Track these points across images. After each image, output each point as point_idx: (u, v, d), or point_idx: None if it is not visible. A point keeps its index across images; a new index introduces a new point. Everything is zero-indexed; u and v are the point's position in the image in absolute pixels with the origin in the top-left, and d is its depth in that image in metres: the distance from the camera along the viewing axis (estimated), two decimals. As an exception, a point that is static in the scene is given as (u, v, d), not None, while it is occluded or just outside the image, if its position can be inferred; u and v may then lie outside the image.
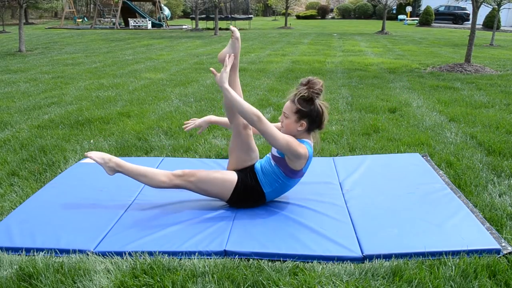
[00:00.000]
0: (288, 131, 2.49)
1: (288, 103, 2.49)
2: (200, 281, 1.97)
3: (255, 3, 48.19)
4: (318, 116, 2.47)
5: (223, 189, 2.54)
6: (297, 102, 2.44)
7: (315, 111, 2.46)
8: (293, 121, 2.46)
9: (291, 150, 2.38)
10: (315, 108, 2.45)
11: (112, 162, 2.59)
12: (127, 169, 2.59)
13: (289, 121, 2.47)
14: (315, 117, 2.47)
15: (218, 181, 2.54)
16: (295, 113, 2.45)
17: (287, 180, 2.56)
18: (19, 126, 4.58)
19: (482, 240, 2.20)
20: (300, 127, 2.47)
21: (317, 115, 2.47)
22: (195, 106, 5.42)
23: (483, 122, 4.50)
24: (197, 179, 2.53)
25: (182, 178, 2.54)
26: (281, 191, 2.62)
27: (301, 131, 2.48)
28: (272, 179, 2.56)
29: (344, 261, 2.09)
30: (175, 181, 2.54)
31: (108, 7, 28.33)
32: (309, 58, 10.34)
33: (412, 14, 33.84)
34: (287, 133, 2.48)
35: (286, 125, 2.49)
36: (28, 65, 9.47)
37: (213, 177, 2.55)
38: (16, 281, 1.99)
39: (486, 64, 9.00)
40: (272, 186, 2.57)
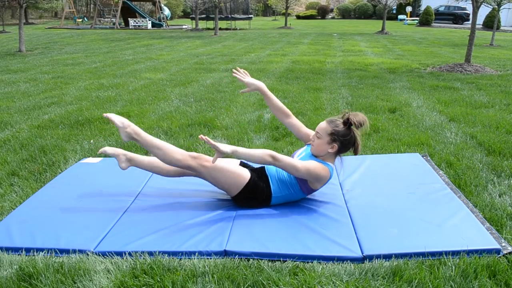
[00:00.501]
0: (318, 151, 2.53)
1: (323, 124, 2.53)
2: (200, 281, 1.97)
3: (255, 3, 48.19)
4: (350, 142, 2.51)
5: (233, 183, 2.53)
6: (333, 124, 2.49)
7: (349, 136, 2.50)
8: (325, 142, 2.50)
9: (312, 175, 2.44)
10: (350, 133, 2.50)
11: (131, 128, 2.49)
12: (143, 138, 2.49)
13: (321, 142, 2.51)
14: (348, 143, 2.51)
15: (231, 174, 2.53)
16: (329, 134, 2.49)
17: (300, 193, 2.61)
18: (19, 126, 4.58)
19: (482, 240, 2.20)
20: (331, 149, 2.51)
21: (349, 141, 2.51)
22: (195, 106, 5.42)
23: (483, 122, 4.50)
24: (212, 165, 2.49)
25: (197, 160, 2.48)
26: (287, 199, 2.64)
27: (331, 153, 2.53)
28: (285, 187, 2.58)
29: (344, 261, 2.09)
30: (189, 161, 2.47)
31: (108, 7, 28.33)
32: (309, 58, 10.34)
33: (412, 14, 33.85)
34: (316, 153, 2.53)
35: (317, 145, 2.52)
36: (28, 65, 9.47)
37: (227, 168, 2.53)
38: (16, 281, 1.99)
39: (486, 64, 9.00)
40: (282, 192, 2.59)
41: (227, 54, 11.54)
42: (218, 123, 4.58)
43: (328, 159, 2.55)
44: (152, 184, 3.01)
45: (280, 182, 2.59)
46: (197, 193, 2.84)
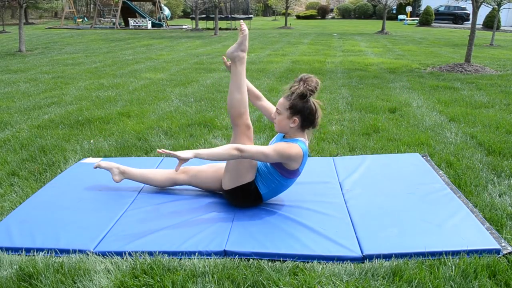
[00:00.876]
0: (280, 127, 2.48)
1: (281, 99, 2.47)
2: (200, 281, 1.97)
3: (255, 3, 48.18)
4: (311, 113, 2.45)
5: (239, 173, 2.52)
6: (291, 98, 2.42)
7: (308, 108, 2.43)
8: (286, 117, 2.44)
9: (284, 156, 2.37)
10: (309, 105, 2.43)
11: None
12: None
13: (282, 117, 2.46)
14: (308, 114, 2.44)
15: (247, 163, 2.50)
16: (288, 109, 2.43)
17: (284, 180, 2.55)
18: (19, 126, 4.58)
19: (482, 240, 2.20)
20: (293, 124, 2.45)
21: (310, 112, 2.44)
22: (195, 106, 5.42)
23: (483, 122, 4.50)
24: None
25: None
26: (277, 191, 2.61)
27: (293, 128, 2.46)
28: (269, 180, 2.54)
29: (344, 261, 2.09)
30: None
31: (108, 7, 28.33)
32: (309, 58, 10.34)
33: (412, 14, 33.84)
34: (280, 130, 2.49)
35: (279, 121, 2.47)
36: (28, 65, 9.47)
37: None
38: (16, 281, 1.99)
39: (486, 64, 9.00)
40: (268, 187, 2.56)
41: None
42: (218, 123, 4.58)
43: (296, 135, 2.48)
44: (152, 184, 3.01)
45: (262, 177, 2.54)
46: (197, 193, 2.85)
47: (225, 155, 2.26)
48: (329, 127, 4.40)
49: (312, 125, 2.50)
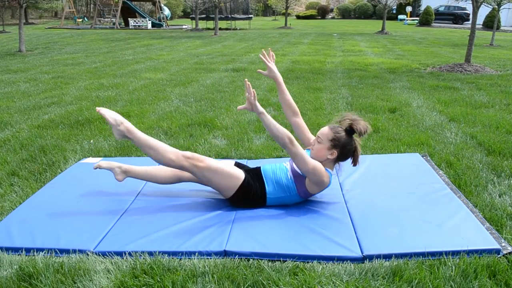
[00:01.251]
0: (317, 156, 2.51)
1: (325, 129, 2.51)
2: (200, 281, 1.97)
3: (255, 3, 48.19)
4: (350, 151, 2.51)
5: (227, 184, 2.52)
6: (335, 130, 2.48)
7: (350, 145, 2.49)
8: (326, 147, 2.48)
9: (316, 176, 2.41)
10: (351, 142, 2.49)
11: (123, 126, 2.43)
12: (137, 136, 2.44)
13: (321, 147, 2.49)
14: (348, 151, 2.50)
15: (225, 174, 2.51)
16: (330, 140, 2.47)
17: (296, 197, 2.59)
18: (19, 126, 4.58)
19: (482, 240, 2.20)
20: (331, 156, 2.49)
21: (349, 150, 2.50)
22: (195, 106, 5.42)
23: (483, 122, 4.50)
24: (205, 166, 2.45)
25: (190, 161, 2.44)
26: (282, 202, 2.62)
27: (330, 160, 2.51)
28: (281, 190, 2.57)
29: (344, 261, 2.09)
30: (182, 162, 2.43)
31: (108, 7, 28.33)
32: (309, 58, 10.34)
33: (412, 14, 33.84)
34: (315, 157, 2.51)
35: (317, 149, 2.50)
36: (28, 65, 9.47)
37: (221, 169, 2.50)
38: (16, 281, 1.99)
39: (486, 64, 9.00)
40: (277, 194, 2.58)
41: (227, 54, 11.54)
42: (218, 123, 4.58)
43: (327, 166, 2.53)
44: (152, 184, 3.00)
45: (276, 184, 2.57)
46: (197, 193, 2.84)
47: (279, 134, 2.27)
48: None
49: (344, 160, 2.57)
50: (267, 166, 2.67)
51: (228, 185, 2.53)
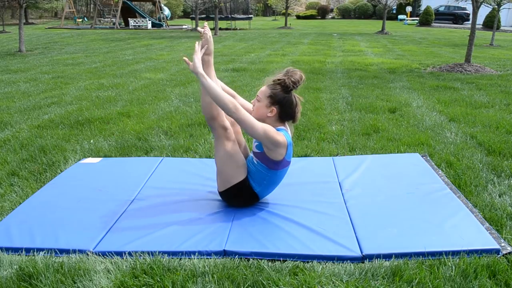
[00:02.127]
0: (258, 115, 2.44)
1: (264, 87, 2.46)
2: (200, 281, 1.97)
3: (255, 3, 48.19)
4: (290, 106, 2.43)
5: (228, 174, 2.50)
6: (272, 88, 2.41)
7: (288, 100, 2.42)
8: (264, 105, 2.42)
9: (269, 137, 2.32)
10: (289, 97, 2.43)
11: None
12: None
13: (260, 105, 2.43)
14: (287, 107, 2.43)
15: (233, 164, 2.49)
16: (268, 97, 2.41)
17: (273, 173, 2.51)
18: (19, 126, 4.58)
19: (481, 240, 2.20)
20: (270, 113, 2.43)
21: (290, 104, 2.43)
22: (195, 106, 5.42)
23: (483, 122, 4.50)
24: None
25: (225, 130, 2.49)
26: (271, 186, 2.58)
27: (271, 118, 2.44)
28: (259, 177, 2.52)
29: (344, 261, 2.09)
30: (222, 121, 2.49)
31: (108, 7, 28.33)
32: (309, 58, 10.34)
33: (412, 14, 33.84)
34: (257, 117, 2.41)
35: (257, 108, 2.45)
36: (28, 65, 9.47)
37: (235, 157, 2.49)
38: (16, 281, 1.99)
39: (486, 64, 9.00)
40: (261, 184, 2.54)
41: (227, 54, 11.54)
42: (218, 123, 4.57)
43: (276, 125, 2.45)
44: (152, 184, 3.01)
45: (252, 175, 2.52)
46: (197, 193, 2.84)
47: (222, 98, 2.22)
48: (329, 127, 4.39)
49: (292, 118, 2.49)
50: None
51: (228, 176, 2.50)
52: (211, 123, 2.51)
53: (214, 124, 2.49)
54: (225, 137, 2.49)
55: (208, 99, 2.45)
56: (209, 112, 2.49)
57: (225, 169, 2.51)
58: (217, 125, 2.49)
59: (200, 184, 2.96)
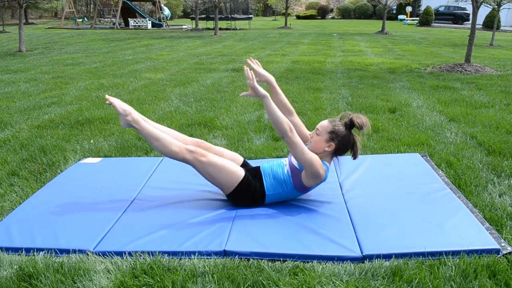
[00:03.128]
0: (315, 148, 2.51)
1: (325, 122, 2.53)
2: (200, 281, 1.97)
3: (255, 3, 48.19)
4: (348, 144, 2.52)
5: (228, 180, 2.53)
6: (334, 123, 2.49)
7: (348, 138, 2.51)
8: (324, 139, 2.49)
9: (313, 168, 2.40)
10: (350, 136, 2.51)
11: (131, 116, 2.52)
12: (142, 127, 2.51)
13: (320, 139, 2.50)
14: (345, 144, 2.51)
15: (226, 171, 2.52)
16: (329, 132, 2.49)
17: (293, 192, 2.60)
18: (19, 126, 4.58)
19: (481, 240, 2.20)
20: (328, 148, 2.50)
21: (348, 143, 2.52)
22: (195, 106, 5.42)
23: (483, 122, 4.50)
24: (207, 161, 2.48)
25: (193, 154, 2.48)
26: (281, 198, 2.64)
27: (326, 152, 2.52)
28: (279, 185, 2.58)
29: (344, 261, 2.09)
30: (185, 155, 2.47)
31: (108, 7, 28.33)
32: (309, 58, 10.34)
33: (412, 14, 33.84)
34: (313, 149, 2.51)
35: (315, 141, 2.51)
36: (28, 65, 9.47)
37: (222, 165, 2.52)
38: (16, 281, 1.99)
39: (486, 64, 9.00)
40: (275, 190, 2.58)
41: (227, 54, 11.54)
42: (218, 123, 4.58)
43: (324, 159, 2.53)
44: (152, 184, 3.01)
45: (274, 180, 2.58)
46: (197, 193, 2.84)
47: (281, 121, 2.29)
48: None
49: (342, 155, 2.58)
50: (266, 165, 2.70)
51: (228, 181, 2.53)
52: (179, 158, 2.51)
53: (181, 157, 2.50)
54: (198, 158, 2.49)
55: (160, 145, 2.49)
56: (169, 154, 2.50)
57: (221, 179, 2.54)
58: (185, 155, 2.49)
59: (200, 184, 2.96)
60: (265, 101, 2.34)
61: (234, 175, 2.54)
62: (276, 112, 2.32)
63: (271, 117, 2.33)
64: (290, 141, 2.33)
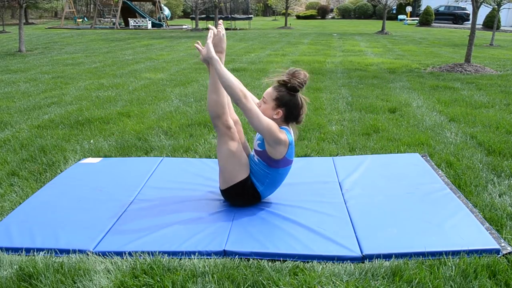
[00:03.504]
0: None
1: (270, 89, 2.46)
2: (200, 281, 1.97)
3: (255, 3, 48.19)
4: (296, 108, 2.44)
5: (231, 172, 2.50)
6: (278, 89, 2.41)
7: (295, 102, 2.43)
8: (271, 107, 2.43)
9: (271, 134, 2.33)
10: (295, 99, 2.43)
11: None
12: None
13: (266, 107, 2.44)
14: (293, 108, 2.43)
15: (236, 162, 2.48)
16: (274, 99, 2.42)
17: (275, 171, 2.52)
18: (19, 126, 4.58)
19: (481, 240, 2.20)
20: (276, 116, 2.44)
21: (296, 106, 2.44)
22: (195, 106, 5.42)
23: (483, 122, 4.50)
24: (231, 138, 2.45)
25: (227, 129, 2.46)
26: (273, 185, 2.59)
27: (276, 120, 2.44)
28: (261, 176, 2.53)
29: (344, 261, 2.09)
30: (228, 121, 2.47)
31: (108, 7, 28.33)
32: (309, 58, 10.34)
33: (412, 14, 33.85)
34: None
35: (263, 110, 2.43)
36: (28, 65, 9.47)
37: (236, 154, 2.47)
38: (16, 281, 1.99)
39: (486, 64, 9.00)
40: (263, 183, 2.55)
41: (227, 54, 11.53)
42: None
43: (281, 125, 2.46)
44: (152, 184, 3.01)
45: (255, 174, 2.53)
46: (197, 193, 2.84)
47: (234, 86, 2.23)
48: (329, 127, 4.39)
49: (296, 120, 2.49)
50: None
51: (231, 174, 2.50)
52: (215, 121, 2.49)
53: (218, 122, 2.48)
54: (228, 135, 2.49)
55: (215, 97, 2.46)
56: (215, 110, 2.48)
57: (228, 167, 2.50)
58: (221, 124, 2.48)
59: (200, 184, 2.96)
60: (215, 64, 2.28)
61: (239, 172, 2.50)
62: (228, 77, 2.26)
63: (223, 81, 2.26)
64: (245, 108, 2.26)
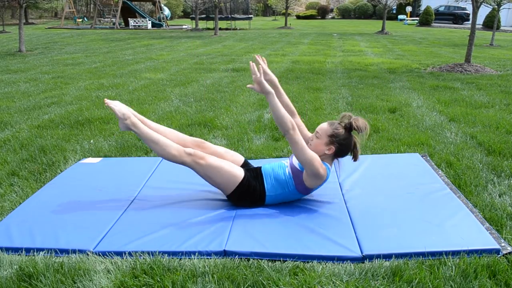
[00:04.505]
0: (315, 151, 2.51)
1: (325, 125, 2.54)
2: (200, 281, 1.97)
3: (255, 3, 48.19)
4: (348, 148, 2.53)
5: (227, 181, 2.54)
6: (334, 126, 2.50)
7: (348, 142, 2.52)
8: (323, 143, 2.50)
9: (313, 167, 2.40)
10: (349, 139, 2.52)
11: (130, 120, 2.55)
12: (141, 130, 2.54)
13: (319, 142, 2.51)
14: (345, 147, 2.52)
15: (226, 172, 2.53)
16: (329, 136, 2.49)
17: (294, 193, 2.60)
18: (19, 126, 4.58)
19: (481, 240, 2.20)
20: (328, 151, 2.51)
21: (348, 146, 2.53)
22: (195, 106, 5.42)
23: (483, 122, 4.50)
24: (206, 163, 2.50)
25: (191, 157, 2.50)
26: (282, 199, 2.64)
27: (327, 155, 2.53)
28: (280, 187, 2.58)
29: (344, 261, 2.09)
30: (184, 158, 2.50)
31: (108, 7, 28.33)
32: (309, 58, 10.34)
33: (412, 14, 33.84)
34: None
35: (315, 144, 2.52)
36: (28, 65, 9.47)
37: (221, 167, 2.53)
38: (16, 281, 1.99)
39: (486, 64, 9.00)
40: (276, 192, 2.59)
41: (227, 54, 11.54)
42: (218, 123, 4.58)
43: (325, 160, 2.54)
44: (152, 184, 3.01)
45: (275, 181, 2.58)
46: (197, 193, 2.84)
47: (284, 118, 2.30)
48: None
49: (343, 157, 2.59)
50: (267, 165, 2.70)
51: (228, 182, 2.54)
52: (178, 162, 2.53)
53: (181, 160, 2.52)
54: (197, 159, 2.51)
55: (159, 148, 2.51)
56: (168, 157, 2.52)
57: (221, 181, 2.55)
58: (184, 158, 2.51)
59: (200, 184, 2.96)
60: (269, 98, 2.36)
61: (234, 176, 2.54)
62: (280, 109, 2.33)
63: (274, 113, 2.34)
64: (292, 139, 2.34)
